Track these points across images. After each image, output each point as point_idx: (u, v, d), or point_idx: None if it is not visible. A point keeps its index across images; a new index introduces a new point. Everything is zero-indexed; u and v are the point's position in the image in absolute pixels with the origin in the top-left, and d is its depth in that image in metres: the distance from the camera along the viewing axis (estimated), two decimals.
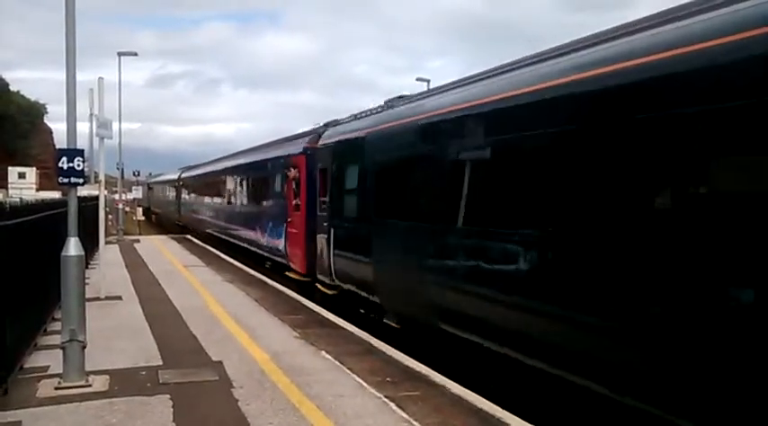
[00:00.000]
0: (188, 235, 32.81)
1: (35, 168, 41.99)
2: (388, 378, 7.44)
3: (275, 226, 17.49)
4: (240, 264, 19.50)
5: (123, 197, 34.01)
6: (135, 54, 30.73)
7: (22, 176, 38.32)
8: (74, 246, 7.12)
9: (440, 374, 7.63)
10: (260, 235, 19.41)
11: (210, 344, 8.98)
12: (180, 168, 42.97)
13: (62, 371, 7.03)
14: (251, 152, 23.92)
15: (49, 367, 7.62)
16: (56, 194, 23.31)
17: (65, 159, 7.19)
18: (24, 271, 7.72)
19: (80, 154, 7.31)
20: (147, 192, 56.73)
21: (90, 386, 6.96)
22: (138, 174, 48.84)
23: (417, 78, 33.55)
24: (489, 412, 6.33)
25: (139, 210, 43.62)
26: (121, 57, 29.69)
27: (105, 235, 14.81)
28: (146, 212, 49.10)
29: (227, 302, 12.53)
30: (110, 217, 31.07)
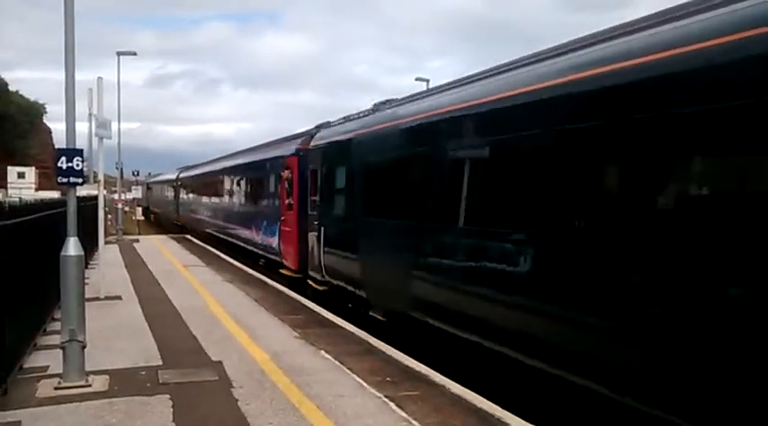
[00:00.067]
0: (187, 235, 32.80)
1: (34, 168, 42.06)
2: (387, 378, 7.45)
3: (269, 225, 17.90)
4: (240, 264, 19.50)
5: (122, 197, 33.98)
6: (134, 53, 30.70)
7: (21, 176, 38.37)
8: (73, 246, 7.12)
9: (439, 374, 7.63)
10: (255, 234, 19.85)
11: (210, 344, 8.98)
12: (178, 168, 43.14)
13: (62, 371, 7.04)
14: (246, 153, 24.39)
15: (48, 367, 7.63)
16: (55, 194, 23.32)
17: (64, 159, 7.19)
18: (24, 271, 7.72)
19: (79, 153, 7.30)
20: (146, 192, 56.80)
21: (90, 386, 6.96)
22: (138, 174, 48.76)
23: (417, 78, 33.55)
24: (489, 411, 6.34)
25: (139, 210, 43.59)
26: (121, 57, 29.66)
27: (105, 235, 14.80)
28: (145, 212, 49.08)
29: (226, 302, 12.54)
30: (109, 216, 31.05)
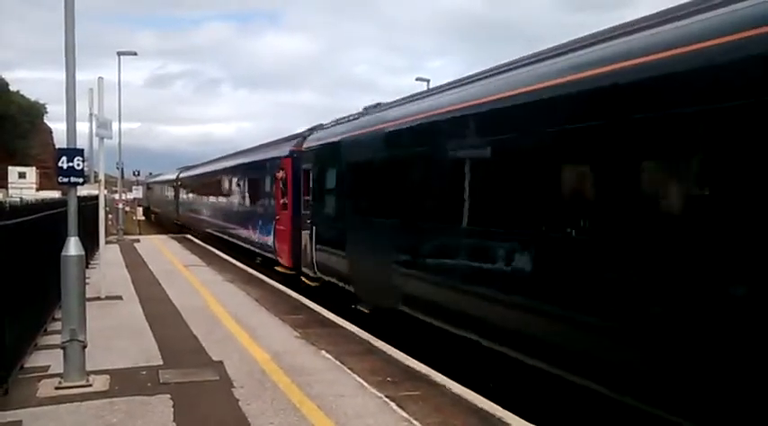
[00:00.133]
0: (188, 235, 32.84)
1: (35, 168, 41.98)
2: (388, 378, 7.44)
3: (265, 224, 18.52)
4: (241, 264, 19.49)
5: (123, 196, 33.99)
6: (134, 53, 30.71)
7: (22, 176, 38.32)
8: (74, 246, 7.12)
9: (440, 373, 7.63)
10: (251, 233, 20.47)
11: (211, 344, 8.98)
12: (178, 168, 43.45)
13: (62, 371, 7.04)
14: (243, 154, 25.01)
15: (49, 366, 7.63)
16: (56, 194, 23.32)
17: (65, 159, 7.19)
18: (24, 271, 7.72)
19: (80, 153, 7.31)
20: (147, 192, 56.88)
21: (90, 385, 6.96)
22: (138, 174, 48.83)
23: (417, 78, 33.56)
24: (489, 411, 6.34)
25: (139, 210, 43.59)
26: (121, 57, 29.68)
27: (105, 235, 14.81)
28: (145, 212, 49.09)
29: (227, 302, 12.54)
30: (110, 216, 31.04)
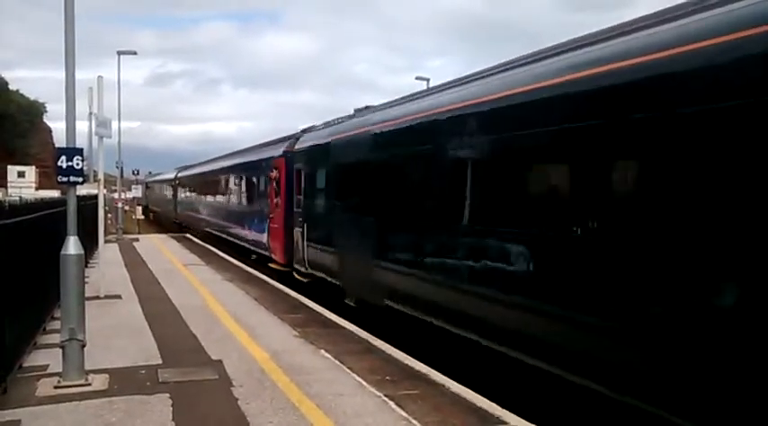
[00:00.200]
0: (187, 234, 32.86)
1: (34, 167, 41.96)
2: (387, 377, 7.45)
3: (259, 222, 19.09)
4: (239, 263, 19.50)
5: (122, 196, 33.97)
6: (134, 53, 30.70)
7: (21, 175, 38.31)
8: (73, 245, 7.12)
9: (439, 372, 7.63)
10: (246, 231, 21.11)
11: (210, 343, 8.98)
12: (176, 168, 43.64)
13: (61, 370, 7.04)
14: (239, 154, 25.66)
15: (48, 366, 7.63)
16: (55, 193, 23.28)
17: (64, 158, 7.19)
18: (24, 270, 7.72)
19: (79, 152, 7.30)
20: (146, 191, 56.88)
21: (89, 384, 6.96)
22: (138, 173, 48.77)
23: (417, 77, 33.59)
24: (488, 410, 6.34)
25: (139, 209, 43.56)
26: (121, 56, 29.65)
27: (105, 234, 14.81)
28: (144, 211, 49.03)
29: (226, 301, 12.54)
30: (109, 215, 31.02)
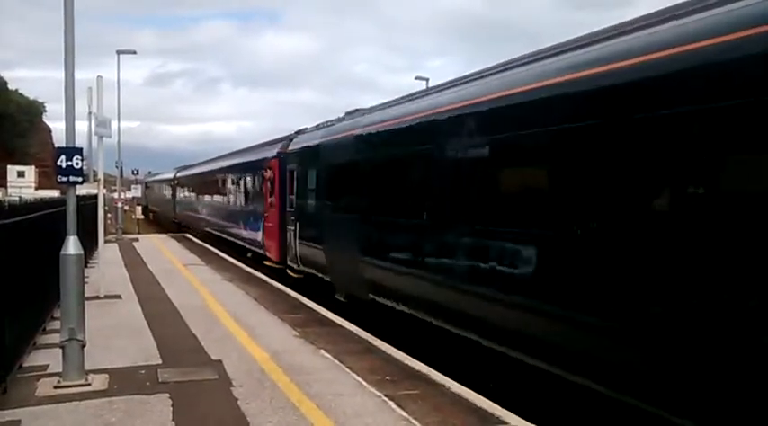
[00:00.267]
0: (187, 234, 32.88)
1: (34, 167, 41.99)
2: (387, 377, 7.44)
3: (254, 221, 19.71)
4: (239, 263, 19.50)
5: (122, 195, 33.96)
6: (134, 52, 30.68)
7: (21, 175, 38.34)
8: (73, 245, 7.11)
9: (439, 372, 7.63)
10: (242, 230, 21.71)
11: (210, 343, 8.98)
12: (175, 168, 43.78)
13: (61, 370, 7.03)
14: (235, 154, 26.23)
15: (48, 366, 7.62)
16: (55, 193, 23.28)
17: (63, 158, 7.18)
18: (23, 270, 7.71)
19: (79, 152, 7.30)
20: (145, 191, 56.91)
21: (89, 384, 6.96)
22: (137, 173, 48.77)
23: (416, 77, 33.62)
24: (488, 410, 6.34)
25: (138, 209, 43.54)
26: (120, 56, 29.65)
27: (104, 234, 14.80)
28: (144, 210, 49.02)
29: (226, 301, 12.54)
30: (109, 215, 31.01)
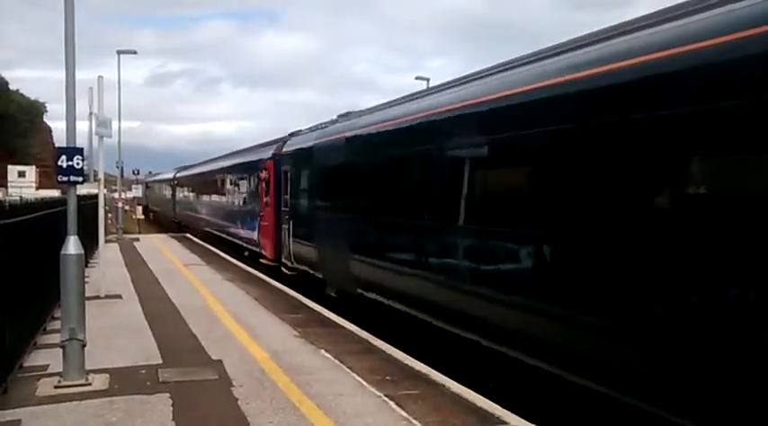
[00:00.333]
0: (187, 234, 32.91)
1: (35, 167, 41.97)
2: (387, 377, 7.44)
3: (251, 221, 20.22)
4: (240, 263, 19.51)
5: (123, 195, 33.98)
6: (134, 52, 30.69)
7: (21, 175, 38.32)
8: (73, 245, 7.11)
9: (439, 372, 7.63)
10: (239, 229, 22.34)
11: (210, 343, 8.98)
12: (175, 168, 43.97)
13: (62, 370, 7.04)
14: (232, 155, 26.80)
15: (48, 365, 7.62)
16: (55, 193, 23.29)
17: (64, 158, 7.19)
18: (24, 270, 7.72)
19: (79, 152, 7.30)
20: (146, 191, 57.00)
21: (90, 384, 6.96)
22: (138, 173, 48.83)
23: (416, 77, 33.62)
24: (488, 410, 6.34)
25: (139, 209, 43.57)
26: (121, 56, 29.66)
27: (105, 234, 14.80)
28: (144, 210, 49.09)
29: (226, 300, 12.54)
30: (109, 215, 31.02)
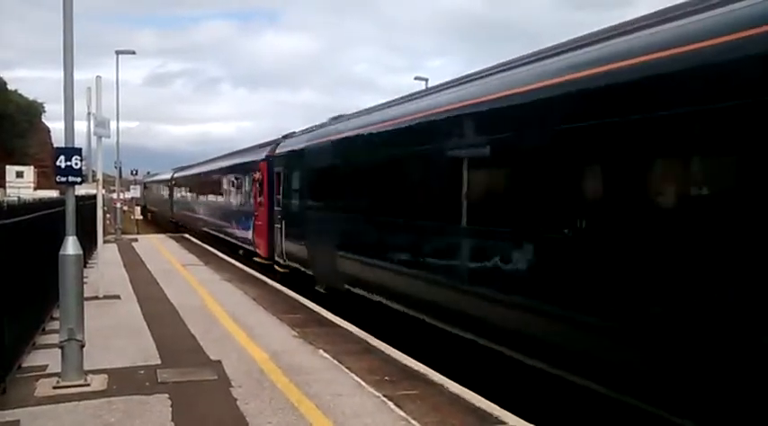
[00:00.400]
0: (185, 234, 32.91)
1: (33, 167, 41.91)
2: (386, 377, 7.45)
3: (245, 220, 20.86)
4: (238, 263, 19.52)
5: (121, 196, 33.96)
6: (133, 52, 30.65)
7: (20, 175, 38.26)
8: (72, 245, 7.11)
9: (438, 373, 7.63)
10: (234, 228, 22.96)
11: (209, 343, 8.98)
12: (173, 168, 44.17)
13: (60, 370, 7.03)
14: (228, 157, 27.40)
15: (47, 366, 7.62)
16: (54, 193, 23.26)
17: (62, 158, 7.18)
18: (22, 271, 7.71)
19: (78, 152, 7.29)
20: (144, 191, 57.04)
21: (88, 385, 6.96)
22: (136, 173, 48.73)
23: (416, 77, 33.45)
24: (487, 410, 6.34)
25: (137, 209, 43.57)
26: (120, 56, 29.61)
27: (103, 234, 14.80)
28: (142, 210, 49.08)
29: (225, 301, 12.54)
30: (108, 216, 31.00)
